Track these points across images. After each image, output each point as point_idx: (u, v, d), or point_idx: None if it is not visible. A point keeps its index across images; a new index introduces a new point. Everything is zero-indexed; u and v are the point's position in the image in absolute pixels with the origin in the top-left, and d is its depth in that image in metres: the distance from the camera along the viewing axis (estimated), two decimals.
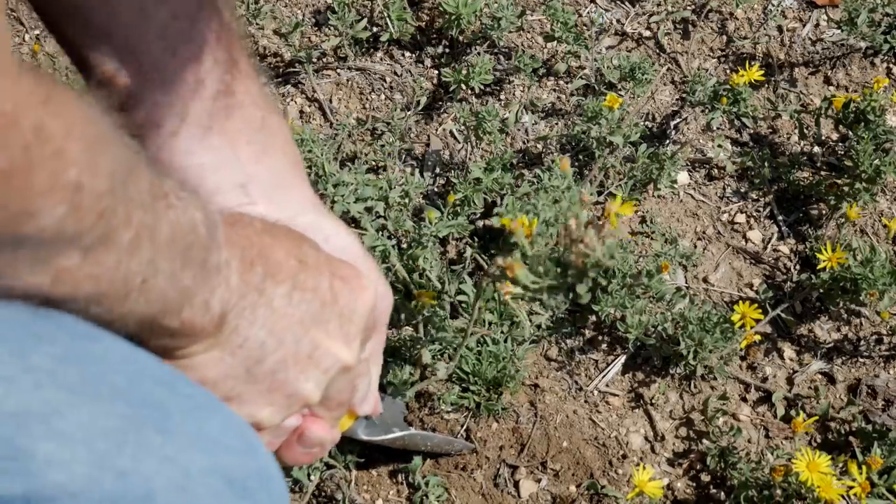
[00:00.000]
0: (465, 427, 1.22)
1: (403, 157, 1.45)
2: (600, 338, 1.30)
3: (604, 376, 1.27)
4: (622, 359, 1.28)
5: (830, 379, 1.29)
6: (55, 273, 0.54)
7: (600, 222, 0.73)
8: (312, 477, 1.12)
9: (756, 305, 1.20)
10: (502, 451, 1.21)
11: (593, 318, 1.30)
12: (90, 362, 0.58)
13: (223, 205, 0.78)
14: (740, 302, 1.21)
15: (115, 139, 0.56)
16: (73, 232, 0.52)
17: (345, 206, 1.23)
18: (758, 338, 1.25)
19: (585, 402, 1.26)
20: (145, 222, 0.58)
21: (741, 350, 1.28)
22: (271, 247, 0.71)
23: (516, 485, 1.19)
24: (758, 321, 1.20)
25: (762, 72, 1.40)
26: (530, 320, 1.28)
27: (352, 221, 1.26)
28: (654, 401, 1.26)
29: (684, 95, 1.49)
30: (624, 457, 1.22)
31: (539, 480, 1.19)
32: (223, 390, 0.71)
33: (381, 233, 1.26)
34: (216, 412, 0.64)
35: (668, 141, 1.45)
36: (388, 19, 1.51)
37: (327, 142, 1.40)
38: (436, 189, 1.41)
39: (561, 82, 1.51)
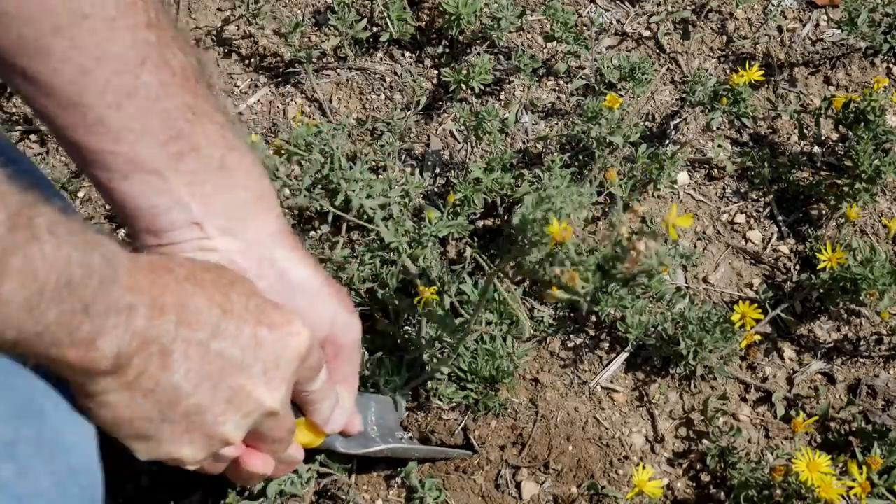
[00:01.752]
0: (462, 426, 1.22)
1: (403, 157, 1.45)
2: (601, 336, 1.30)
3: (605, 373, 1.27)
4: (623, 356, 1.28)
5: (830, 379, 1.29)
6: None
7: (651, 230, 0.75)
8: (307, 486, 1.12)
9: (756, 305, 1.20)
10: (503, 452, 1.21)
11: (593, 317, 1.30)
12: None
13: (179, 240, 0.79)
14: (740, 302, 1.21)
15: None
16: None
17: (359, 202, 1.24)
18: (758, 338, 1.25)
19: (587, 399, 1.26)
20: None
21: (741, 350, 1.28)
22: (192, 294, 0.73)
23: (518, 486, 1.19)
24: (758, 321, 1.20)
25: (762, 72, 1.40)
26: (532, 317, 1.28)
27: (364, 216, 1.26)
28: (654, 400, 1.26)
29: (684, 95, 1.49)
30: (626, 457, 1.22)
31: (541, 482, 1.19)
32: (137, 430, 0.73)
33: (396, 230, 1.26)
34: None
35: (668, 141, 1.45)
36: (388, 19, 1.51)
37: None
38: (436, 189, 1.41)
39: (561, 82, 1.51)
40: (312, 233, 1.36)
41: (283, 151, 1.25)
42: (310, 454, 1.00)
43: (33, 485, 0.61)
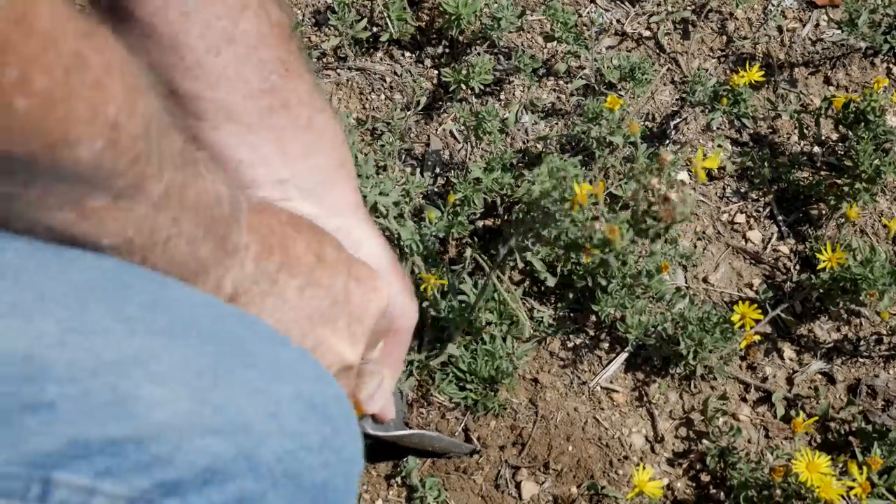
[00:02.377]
0: (462, 426, 1.22)
1: (403, 157, 1.45)
2: (601, 336, 1.30)
3: (605, 373, 1.27)
4: (623, 356, 1.28)
5: (830, 379, 1.29)
6: (83, 213, 0.55)
7: (678, 182, 0.79)
8: None
9: (756, 305, 1.20)
10: (503, 452, 1.21)
11: (593, 317, 1.30)
12: (175, 307, 0.61)
13: (261, 196, 0.79)
14: (740, 302, 1.21)
15: (151, 92, 0.57)
16: (108, 170, 0.53)
17: (373, 199, 1.24)
18: (758, 338, 1.25)
19: (587, 399, 1.26)
20: (176, 180, 0.58)
21: (741, 350, 1.28)
22: (293, 239, 0.72)
23: (518, 486, 1.19)
24: (758, 321, 1.20)
25: (762, 73, 1.40)
26: (531, 317, 1.28)
27: (373, 211, 1.26)
28: (654, 400, 1.26)
29: (684, 95, 1.49)
30: (626, 457, 1.22)
31: (541, 482, 1.19)
32: None
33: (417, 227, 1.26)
34: (287, 344, 0.66)
35: (668, 141, 1.45)
36: (388, 19, 1.51)
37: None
38: (436, 189, 1.41)
39: (561, 82, 1.51)
40: None
41: None
42: None
43: (342, 440, 0.64)
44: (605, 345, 1.30)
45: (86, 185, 0.53)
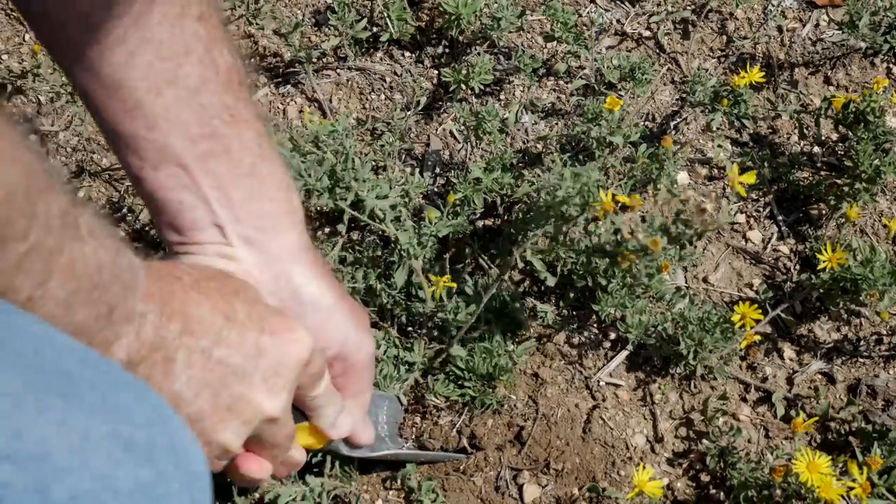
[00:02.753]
0: (457, 429, 1.22)
1: (403, 157, 1.45)
2: (603, 334, 1.30)
3: (605, 370, 1.27)
4: (623, 354, 1.28)
5: (830, 379, 1.29)
6: None
7: (713, 193, 0.83)
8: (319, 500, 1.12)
9: (756, 305, 1.20)
10: (502, 452, 1.21)
11: (594, 316, 1.30)
12: (13, 337, 0.59)
13: (201, 240, 0.79)
14: (740, 302, 1.21)
15: (22, 156, 0.57)
16: None
17: (372, 203, 1.24)
18: (758, 338, 1.25)
19: (588, 398, 1.26)
20: (44, 243, 0.59)
21: (741, 350, 1.28)
22: (197, 303, 0.73)
23: (520, 489, 1.19)
24: (758, 321, 1.20)
25: (763, 73, 1.40)
26: (535, 315, 1.28)
27: (371, 217, 1.26)
28: (656, 400, 1.26)
29: (684, 95, 1.49)
30: (629, 458, 1.21)
31: (543, 485, 1.19)
32: None
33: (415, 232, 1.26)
34: (131, 388, 0.64)
35: None
36: (388, 19, 1.51)
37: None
38: (436, 189, 1.41)
39: (561, 82, 1.51)
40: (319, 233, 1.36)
41: (298, 148, 1.25)
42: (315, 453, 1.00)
43: (167, 488, 0.62)
44: (607, 343, 1.29)
45: None
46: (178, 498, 0.63)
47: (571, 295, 1.30)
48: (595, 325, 1.30)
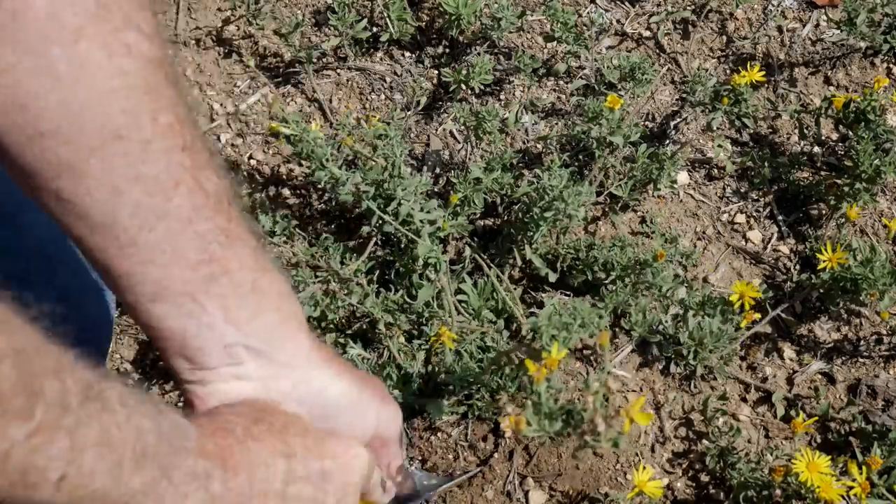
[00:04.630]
0: (466, 436, 1.22)
1: (403, 157, 1.44)
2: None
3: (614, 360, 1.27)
4: (628, 348, 1.27)
5: (830, 379, 1.29)
6: None
7: (613, 415, 0.79)
8: None
9: (755, 293, 1.20)
10: (511, 462, 1.20)
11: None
12: None
13: (212, 365, 0.80)
14: (737, 281, 1.21)
15: (35, 347, 0.59)
16: None
17: (411, 214, 1.23)
18: (757, 316, 1.24)
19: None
20: (62, 422, 0.60)
21: (741, 350, 1.28)
22: (256, 452, 0.74)
23: (526, 495, 1.19)
24: (756, 300, 1.20)
25: (763, 72, 1.40)
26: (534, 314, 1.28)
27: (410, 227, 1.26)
28: (660, 401, 1.26)
29: (684, 95, 1.49)
30: (638, 457, 1.21)
31: (550, 494, 1.19)
32: None
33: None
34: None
35: (668, 141, 1.45)
36: (388, 19, 1.51)
37: (328, 142, 1.40)
38: (436, 189, 1.41)
39: (561, 82, 1.51)
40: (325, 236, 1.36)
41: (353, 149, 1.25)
42: None
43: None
44: (614, 340, 1.29)
45: None
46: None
47: (572, 293, 1.30)
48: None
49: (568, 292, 1.30)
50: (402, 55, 1.54)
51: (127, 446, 0.63)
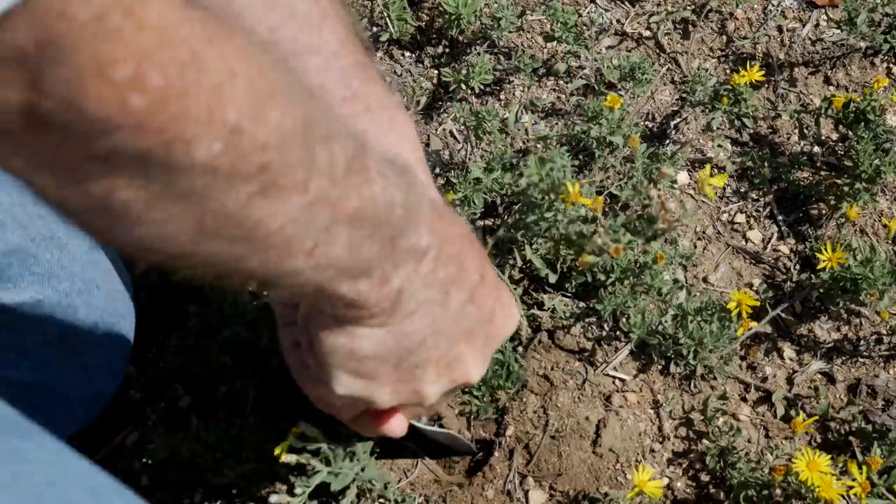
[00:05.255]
0: (468, 435, 1.22)
1: None
2: (605, 334, 1.30)
3: (611, 366, 1.27)
4: (625, 351, 1.28)
5: (830, 379, 1.29)
6: (203, 214, 0.53)
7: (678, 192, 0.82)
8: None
9: (754, 298, 1.20)
10: (511, 461, 1.20)
11: (595, 317, 1.30)
12: (18, 462, 0.60)
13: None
14: (736, 289, 1.21)
15: (301, 100, 0.56)
16: (226, 173, 0.51)
17: None
18: (755, 325, 1.24)
19: (594, 397, 1.26)
20: (329, 194, 0.58)
21: (741, 350, 1.28)
22: (467, 254, 0.74)
23: (526, 495, 1.19)
24: (753, 310, 1.20)
25: (763, 72, 1.40)
26: (542, 308, 1.28)
27: None
28: (661, 401, 1.26)
29: (684, 95, 1.49)
30: (639, 460, 1.21)
31: (550, 494, 1.19)
32: (366, 367, 0.73)
33: None
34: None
35: (668, 141, 1.45)
36: (387, 19, 1.51)
37: None
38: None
39: (561, 82, 1.51)
40: None
41: None
42: None
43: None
44: (614, 341, 1.29)
45: (205, 186, 0.52)
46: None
47: (572, 292, 1.30)
48: (595, 324, 1.30)
49: (568, 294, 1.30)
50: (402, 55, 1.54)
51: (374, 219, 0.62)
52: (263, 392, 1.19)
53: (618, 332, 1.28)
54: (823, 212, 1.40)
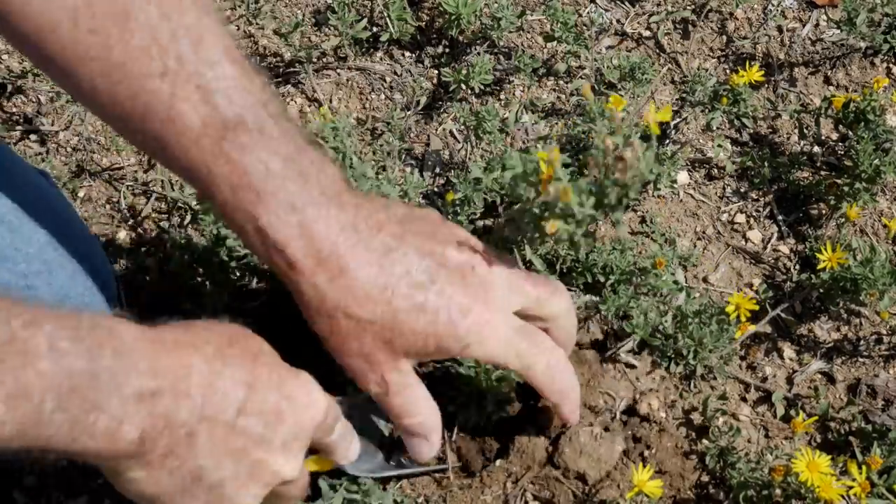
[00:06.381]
0: (454, 441, 1.22)
1: (403, 157, 1.45)
2: (605, 334, 1.30)
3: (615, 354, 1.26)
4: (629, 344, 1.27)
5: (830, 379, 1.29)
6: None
7: (636, 140, 0.78)
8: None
9: (753, 300, 1.20)
10: (509, 466, 1.19)
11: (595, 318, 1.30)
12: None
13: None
14: (734, 293, 1.21)
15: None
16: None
17: None
18: (753, 327, 1.24)
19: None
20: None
21: (741, 350, 1.28)
22: (219, 375, 0.74)
23: (523, 494, 1.18)
24: (752, 311, 1.20)
25: (762, 72, 1.40)
26: None
27: None
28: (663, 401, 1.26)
29: (684, 95, 1.49)
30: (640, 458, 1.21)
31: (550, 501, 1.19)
32: (170, 502, 0.75)
33: None
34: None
35: (668, 141, 1.45)
36: (388, 19, 1.51)
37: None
38: (436, 189, 1.41)
39: (561, 82, 1.51)
40: None
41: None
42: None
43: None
44: (608, 343, 1.29)
45: None
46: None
47: (572, 289, 1.30)
48: (598, 328, 1.30)
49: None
50: (402, 55, 1.54)
51: (48, 392, 0.64)
52: None
53: (619, 333, 1.28)
54: (823, 212, 1.40)
